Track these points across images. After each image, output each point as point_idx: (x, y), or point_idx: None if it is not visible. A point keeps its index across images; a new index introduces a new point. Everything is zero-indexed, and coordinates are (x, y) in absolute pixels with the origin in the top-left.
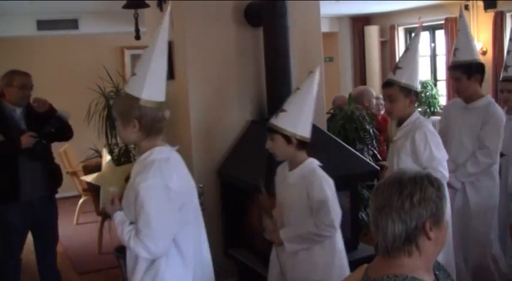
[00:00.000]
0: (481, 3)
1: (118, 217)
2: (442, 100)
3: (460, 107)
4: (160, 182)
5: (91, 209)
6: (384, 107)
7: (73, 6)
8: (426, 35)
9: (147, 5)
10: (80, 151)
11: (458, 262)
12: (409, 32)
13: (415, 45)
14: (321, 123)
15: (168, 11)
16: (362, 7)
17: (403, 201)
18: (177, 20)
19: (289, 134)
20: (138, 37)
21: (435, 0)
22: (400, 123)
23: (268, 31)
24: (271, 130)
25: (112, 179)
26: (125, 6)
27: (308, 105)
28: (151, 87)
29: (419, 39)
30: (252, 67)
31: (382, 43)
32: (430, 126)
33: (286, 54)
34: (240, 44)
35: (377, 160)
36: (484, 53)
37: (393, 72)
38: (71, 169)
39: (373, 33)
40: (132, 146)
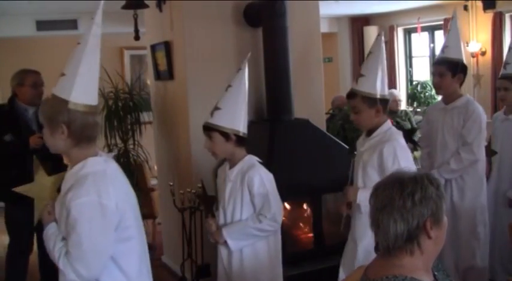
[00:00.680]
0: (480, 4)
1: (51, 229)
2: None
3: (440, 109)
4: (95, 200)
5: None
6: (350, 118)
7: (72, 7)
8: (425, 35)
9: (147, 6)
10: None
11: (449, 265)
12: (408, 32)
13: (378, 48)
14: (321, 124)
15: (102, 4)
16: (361, 7)
17: (404, 200)
18: (176, 20)
19: (228, 130)
20: (137, 37)
21: (434, 1)
22: (369, 132)
23: (267, 31)
24: (209, 129)
25: (44, 190)
26: (124, 7)
27: (242, 102)
28: (81, 89)
29: (382, 41)
30: (251, 67)
31: None
32: (401, 140)
33: (286, 54)
34: (239, 44)
35: None
36: (483, 53)
37: (356, 81)
38: None
39: (372, 34)
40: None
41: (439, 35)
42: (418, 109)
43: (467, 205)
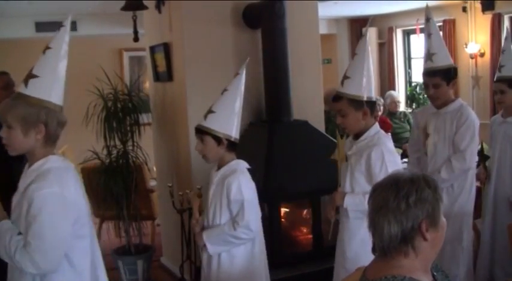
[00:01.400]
0: (479, 5)
1: (5, 225)
2: None
3: (431, 113)
4: (58, 192)
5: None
6: (337, 122)
7: (71, 8)
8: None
9: (146, 7)
10: (78, 153)
11: None
12: (407, 33)
13: (363, 49)
14: (319, 125)
15: (68, 24)
16: (360, 9)
17: (398, 202)
18: (175, 21)
19: (220, 134)
20: (136, 39)
21: (433, 1)
22: (357, 136)
23: (266, 33)
24: (201, 132)
25: None
26: (124, 8)
27: (236, 106)
28: (57, 90)
29: (366, 41)
30: (250, 68)
31: (380, 45)
32: (389, 144)
33: (285, 55)
34: (238, 45)
35: None
36: (482, 54)
37: (341, 83)
38: None
39: (371, 35)
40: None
41: None
42: (418, 110)
43: (456, 211)
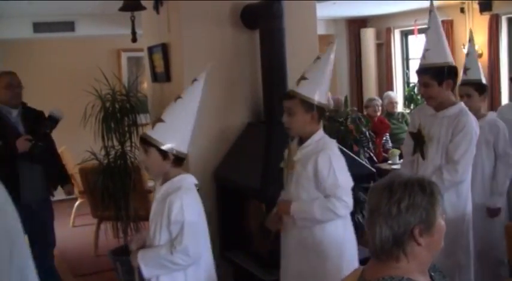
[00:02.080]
0: (476, 6)
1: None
2: None
3: (428, 115)
4: None
5: (87, 211)
6: (283, 119)
7: (69, 9)
8: (422, 37)
9: (144, 8)
10: (76, 154)
11: None
12: (405, 34)
13: (327, 56)
14: None
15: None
16: (358, 10)
17: (390, 207)
18: (173, 22)
19: (167, 148)
20: (134, 40)
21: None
22: (301, 141)
23: (264, 33)
24: (146, 142)
25: None
26: (122, 9)
27: (188, 117)
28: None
29: (334, 48)
30: (248, 69)
31: (378, 45)
32: (335, 149)
33: (282, 56)
34: (236, 46)
35: (373, 162)
36: (479, 55)
37: (297, 83)
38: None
39: (369, 36)
40: (128, 149)
41: None
42: None
43: (448, 222)
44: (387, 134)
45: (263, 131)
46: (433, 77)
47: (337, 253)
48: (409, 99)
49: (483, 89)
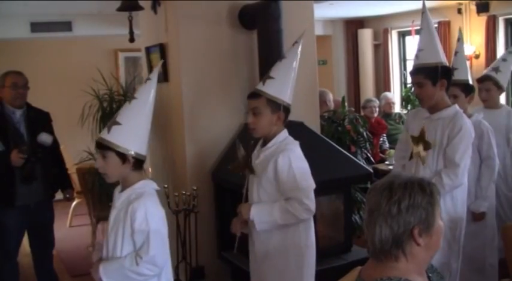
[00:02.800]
0: (473, 7)
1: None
2: None
3: (423, 118)
4: None
5: (84, 211)
6: (247, 120)
7: (67, 9)
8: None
9: (141, 8)
10: (73, 153)
11: None
12: (402, 35)
13: (293, 55)
14: (315, 127)
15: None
16: (356, 10)
17: (390, 207)
18: (171, 22)
19: (125, 151)
20: (132, 40)
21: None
22: (265, 143)
23: (262, 33)
24: (103, 147)
25: None
26: (119, 9)
27: (145, 118)
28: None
29: (298, 49)
30: (246, 69)
31: (376, 46)
32: (298, 150)
33: (280, 56)
34: (234, 46)
35: (370, 163)
36: (477, 56)
37: (263, 82)
38: None
39: (366, 37)
40: None
41: None
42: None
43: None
44: (384, 134)
45: None
46: (427, 76)
47: (298, 258)
48: (406, 100)
49: (469, 90)
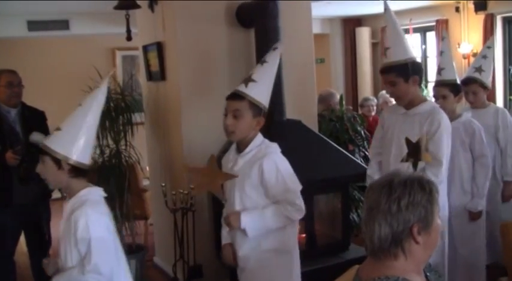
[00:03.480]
0: (471, 5)
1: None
2: None
3: (399, 114)
4: None
5: None
6: (225, 123)
7: (64, 7)
8: (417, 36)
9: (139, 6)
10: None
11: None
12: None
13: (273, 59)
14: (313, 125)
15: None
16: (353, 9)
17: (390, 205)
18: (168, 20)
19: (60, 157)
20: (129, 38)
21: (426, 1)
22: (240, 147)
23: (259, 32)
24: (41, 151)
25: None
26: (116, 7)
27: (88, 125)
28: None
29: (278, 53)
30: (244, 68)
31: (374, 45)
32: (279, 151)
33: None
34: (231, 45)
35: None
36: (474, 55)
37: (245, 84)
38: None
39: (364, 35)
40: (123, 148)
41: (431, 36)
42: None
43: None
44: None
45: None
46: (399, 74)
47: (287, 259)
48: None
49: (458, 90)
